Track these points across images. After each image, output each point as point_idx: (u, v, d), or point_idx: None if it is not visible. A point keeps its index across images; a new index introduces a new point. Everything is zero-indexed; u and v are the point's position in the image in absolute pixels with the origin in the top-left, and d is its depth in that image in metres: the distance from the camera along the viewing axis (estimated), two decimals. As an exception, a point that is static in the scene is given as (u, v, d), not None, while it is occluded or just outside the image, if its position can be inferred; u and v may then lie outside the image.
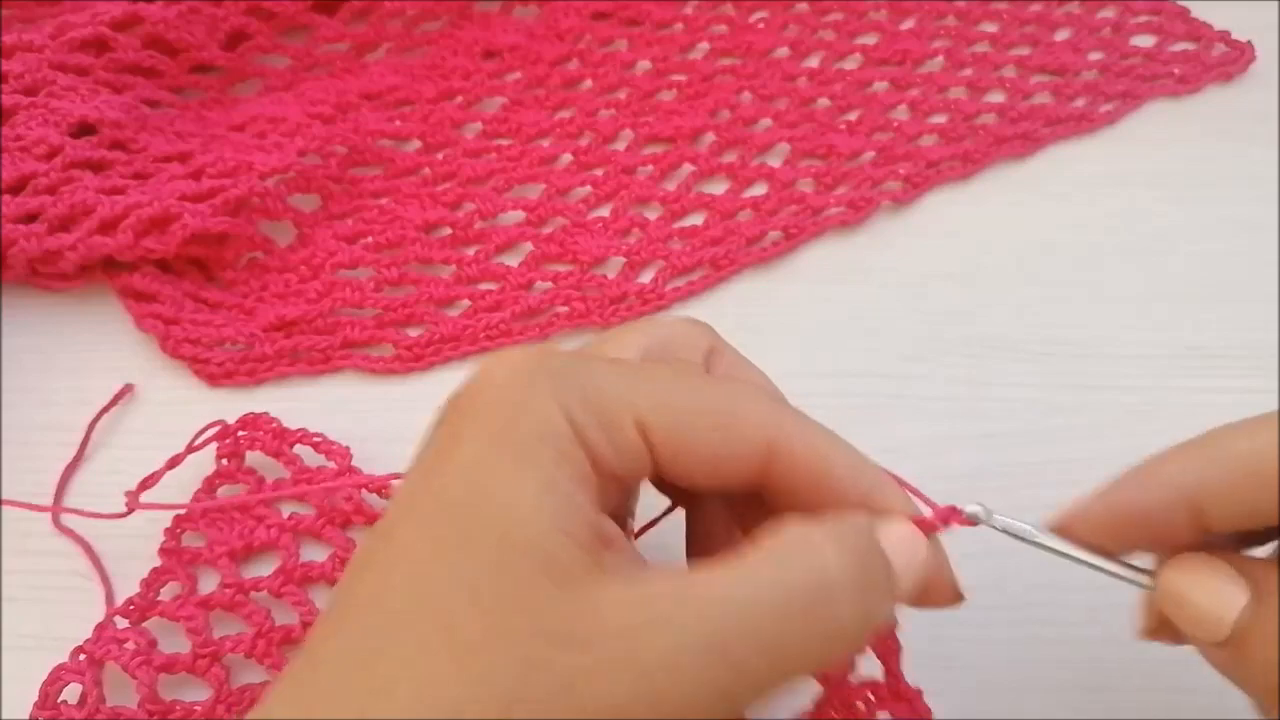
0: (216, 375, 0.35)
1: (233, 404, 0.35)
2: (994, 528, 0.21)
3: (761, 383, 0.24)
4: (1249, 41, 0.45)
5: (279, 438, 0.32)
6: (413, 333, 0.36)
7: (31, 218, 0.36)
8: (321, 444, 0.32)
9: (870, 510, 0.20)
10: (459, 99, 0.44)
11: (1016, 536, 0.21)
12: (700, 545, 0.23)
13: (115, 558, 0.31)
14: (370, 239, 0.38)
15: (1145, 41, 0.45)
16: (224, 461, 0.32)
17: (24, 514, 0.32)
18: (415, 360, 0.36)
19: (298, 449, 0.32)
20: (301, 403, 0.35)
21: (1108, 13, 0.47)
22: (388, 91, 0.43)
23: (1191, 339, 0.36)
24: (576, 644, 0.17)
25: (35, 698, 0.28)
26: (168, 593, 0.30)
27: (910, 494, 0.21)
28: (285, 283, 0.37)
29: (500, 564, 0.17)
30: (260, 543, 0.30)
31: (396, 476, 0.28)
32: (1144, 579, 0.21)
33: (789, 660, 0.18)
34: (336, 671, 0.18)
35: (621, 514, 0.23)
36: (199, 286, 0.37)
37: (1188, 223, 0.39)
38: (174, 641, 0.28)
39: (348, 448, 0.32)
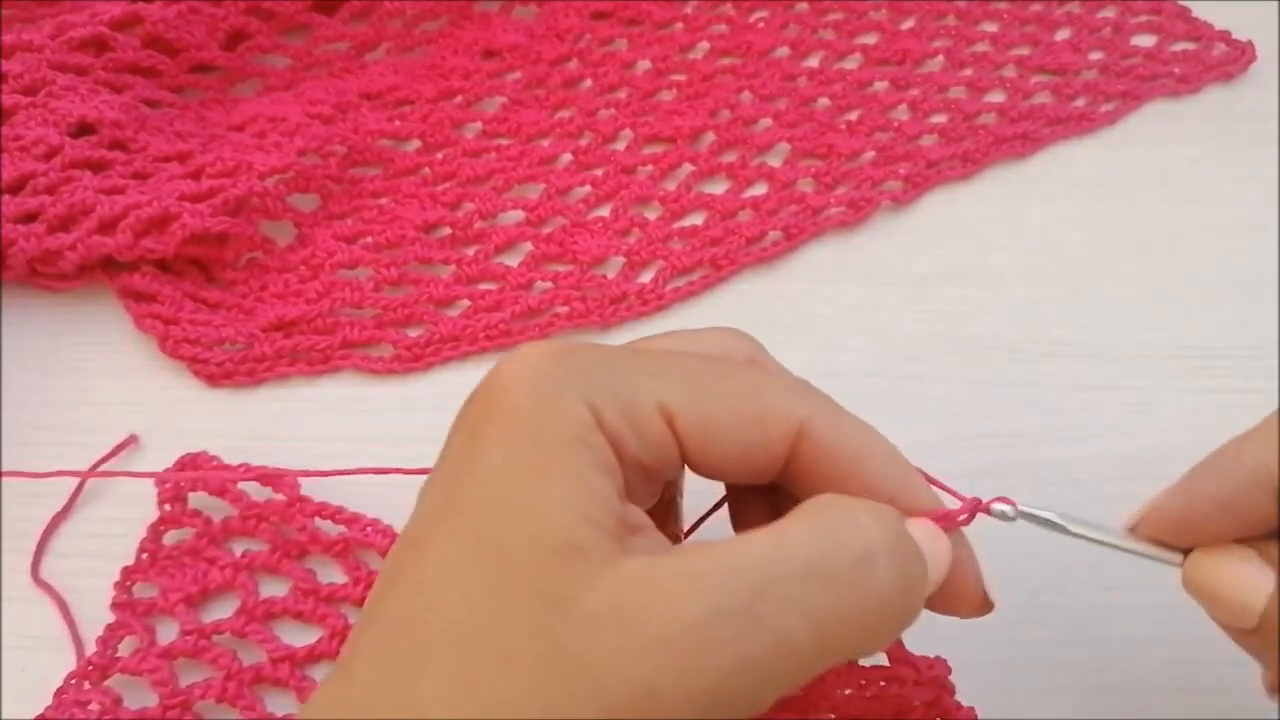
0: (216, 375, 0.35)
1: (232, 404, 0.35)
2: (1025, 517, 0.21)
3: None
4: (1249, 41, 0.45)
5: (221, 475, 0.31)
6: (412, 333, 0.36)
7: (31, 217, 0.36)
8: (268, 476, 0.31)
9: (896, 504, 0.20)
10: (459, 99, 0.44)
11: (1048, 524, 0.21)
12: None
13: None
14: (370, 239, 0.38)
15: (1145, 41, 0.45)
16: (167, 507, 0.31)
17: (23, 514, 0.32)
18: (415, 360, 0.36)
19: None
20: (300, 403, 0.35)
21: (1108, 12, 0.47)
22: (387, 91, 0.43)
23: (1191, 339, 0.36)
24: (598, 625, 0.16)
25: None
26: (126, 647, 0.29)
27: (937, 489, 0.21)
28: (285, 283, 0.37)
29: (529, 565, 0.17)
30: (216, 585, 0.30)
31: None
32: (1175, 558, 0.21)
33: (832, 632, 0.17)
34: (376, 686, 0.18)
35: (666, 511, 0.23)
36: (198, 286, 0.37)
37: (1188, 223, 0.39)
38: (141, 696, 0.28)
39: (296, 478, 0.31)
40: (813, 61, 0.45)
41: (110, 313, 0.37)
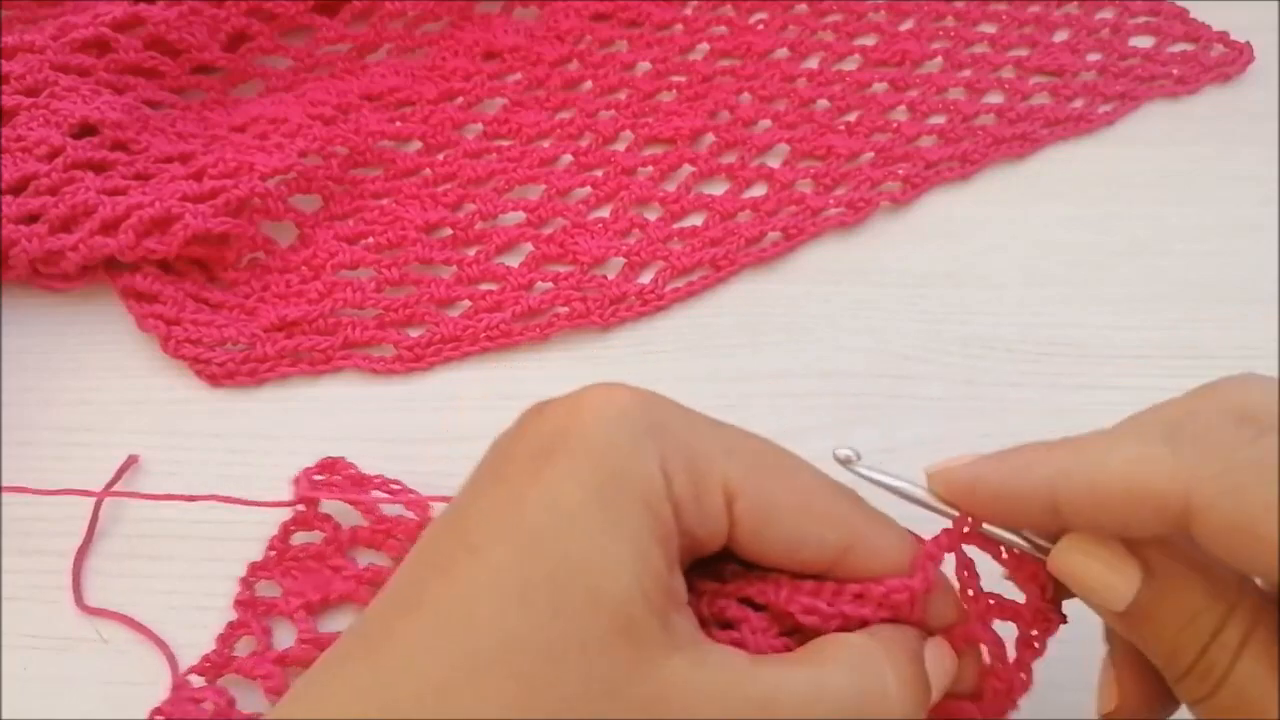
0: (218, 375, 0.35)
1: (234, 404, 0.35)
2: (861, 474, 0.22)
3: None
4: (1247, 42, 0.45)
5: (356, 484, 0.31)
6: (413, 333, 0.36)
7: (33, 218, 0.36)
8: (400, 492, 0.31)
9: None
10: (460, 100, 0.44)
11: (891, 489, 0.22)
12: None
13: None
14: (371, 239, 0.38)
15: (1144, 42, 0.46)
16: (300, 507, 0.31)
17: (24, 513, 0.32)
18: (416, 360, 0.36)
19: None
20: (302, 403, 0.35)
21: (1106, 14, 0.47)
22: (388, 92, 0.44)
23: (1189, 339, 0.36)
24: (643, 712, 0.18)
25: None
26: (243, 647, 0.28)
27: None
28: (286, 283, 0.37)
29: (584, 624, 0.18)
30: (337, 594, 0.29)
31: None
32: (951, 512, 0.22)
33: None
34: (412, 687, 0.18)
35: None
36: (200, 287, 0.37)
37: (1187, 223, 0.39)
38: (251, 698, 0.27)
39: (427, 498, 0.31)
40: (812, 63, 0.45)
41: (112, 313, 0.37)
